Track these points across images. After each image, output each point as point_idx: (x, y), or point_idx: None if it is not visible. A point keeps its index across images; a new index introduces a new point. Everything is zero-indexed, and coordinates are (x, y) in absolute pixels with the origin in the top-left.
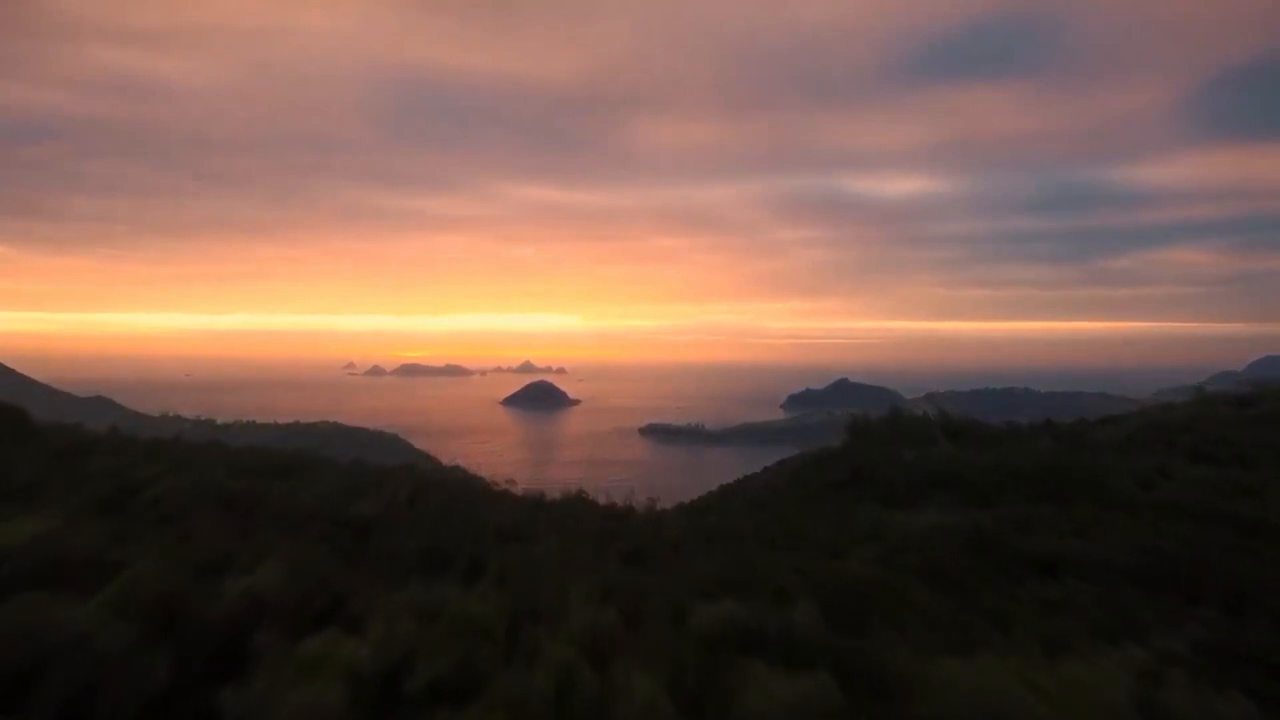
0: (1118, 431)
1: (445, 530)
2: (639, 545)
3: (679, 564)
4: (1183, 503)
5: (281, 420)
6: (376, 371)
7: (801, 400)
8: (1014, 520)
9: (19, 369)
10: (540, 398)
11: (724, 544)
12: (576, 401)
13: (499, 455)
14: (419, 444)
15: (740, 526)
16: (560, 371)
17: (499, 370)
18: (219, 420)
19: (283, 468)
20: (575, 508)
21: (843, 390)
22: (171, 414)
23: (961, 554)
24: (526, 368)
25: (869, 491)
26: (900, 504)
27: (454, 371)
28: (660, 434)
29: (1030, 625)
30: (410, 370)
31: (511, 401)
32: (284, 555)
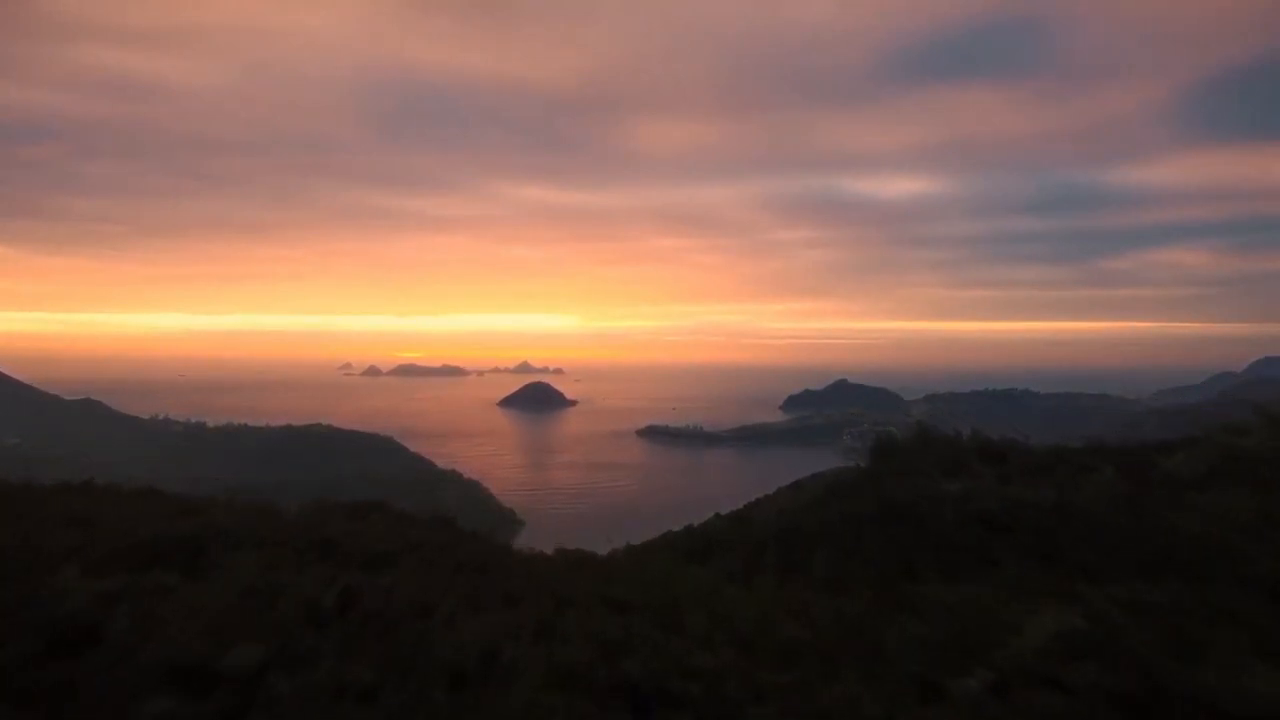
0: (1192, 462)
1: (373, 676)
2: (659, 669)
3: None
4: None
5: (274, 423)
6: (373, 372)
7: (800, 401)
8: (1153, 618)
9: (12, 370)
10: (538, 399)
11: (771, 666)
12: (574, 403)
13: (496, 459)
14: (414, 447)
15: (784, 625)
16: (558, 372)
17: (496, 371)
18: (210, 423)
19: (188, 543)
20: (570, 589)
21: (842, 391)
22: (161, 416)
23: (1118, 703)
24: (524, 368)
25: (910, 536)
26: (955, 557)
27: (451, 372)
28: (659, 436)
29: None
30: (407, 371)
31: (508, 403)
32: None
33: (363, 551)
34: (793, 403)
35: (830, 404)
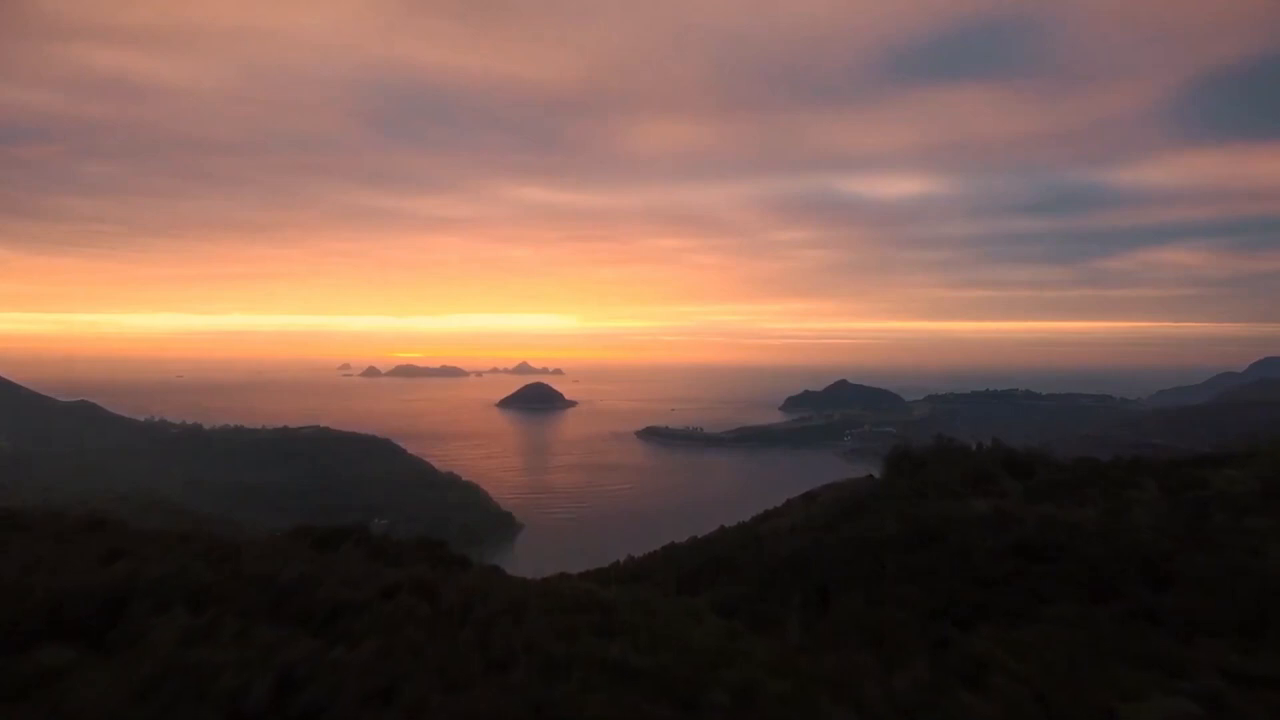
0: (1244, 479)
1: None
2: None
3: None
4: None
5: (271, 425)
6: (372, 373)
7: (800, 402)
8: (1274, 696)
9: (7, 372)
10: (537, 399)
11: None
12: (573, 403)
13: (495, 460)
14: (412, 448)
15: (827, 706)
16: (557, 373)
17: (495, 371)
18: (207, 425)
19: (106, 602)
20: (565, 644)
21: (842, 392)
22: (157, 418)
23: None
24: (523, 369)
25: (943, 567)
26: (999, 595)
27: (450, 373)
28: (658, 437)
29: None
30: (406, 371)
31: (508, 403)
32: None
33: (323, 603)
34: (793, 403)
35: (830, 405)
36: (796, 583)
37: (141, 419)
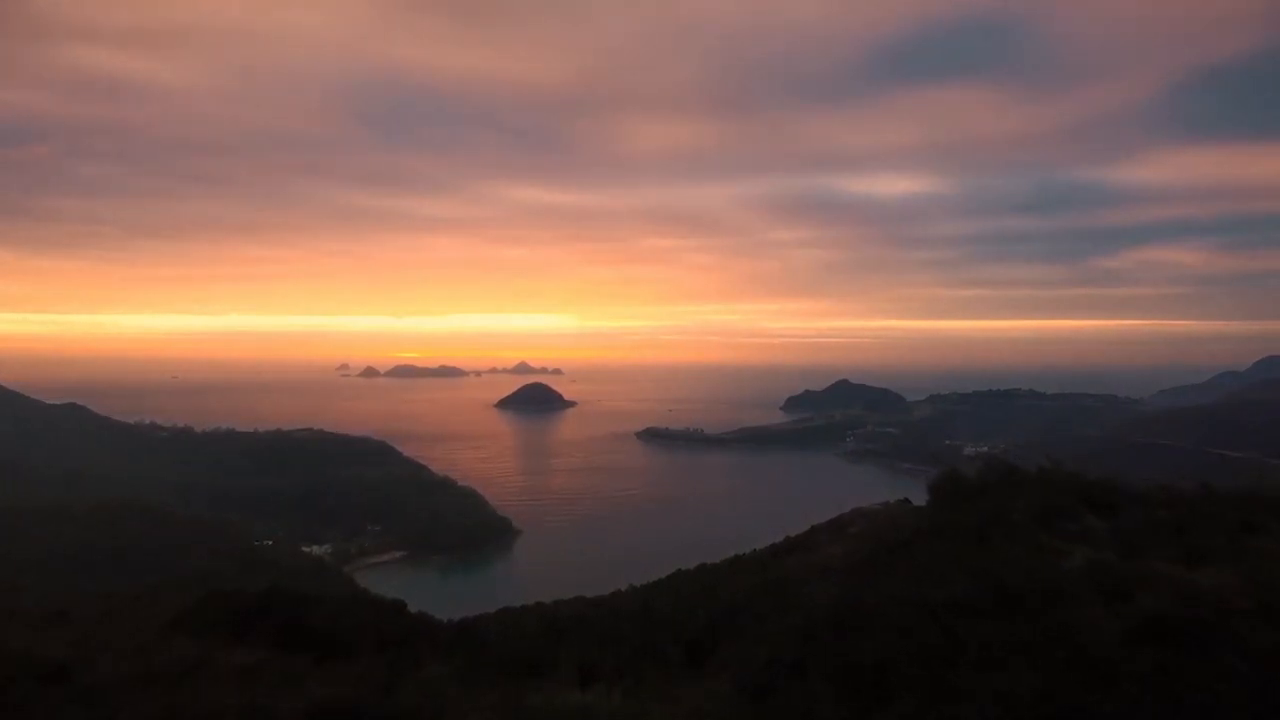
0: None
1: None
2: None
3: None
4: None
5: (264, 427)
6: (370, 373)
7: (801, 402)
8: None
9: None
10: (536, 400)
11: None
12: (572, 404)
13: (493, 462)
14: (409, 450)
15: None
16: (556, 373)
17: (494, 371)
18: (198, 428)
19: None
20: None
21: (843, 391)
22: (148, 421)
23: None
24: (522, 369)
25: (1052, 653)
26: (1139, 705)
27: (449, 373)
28: (659, 438)
29: None
30: (404, 372)
31: (506, 404)
32: None
33: None
34: (793, 403)
35: (831, 404)
36: (839, 654)
37: (132, 421)
